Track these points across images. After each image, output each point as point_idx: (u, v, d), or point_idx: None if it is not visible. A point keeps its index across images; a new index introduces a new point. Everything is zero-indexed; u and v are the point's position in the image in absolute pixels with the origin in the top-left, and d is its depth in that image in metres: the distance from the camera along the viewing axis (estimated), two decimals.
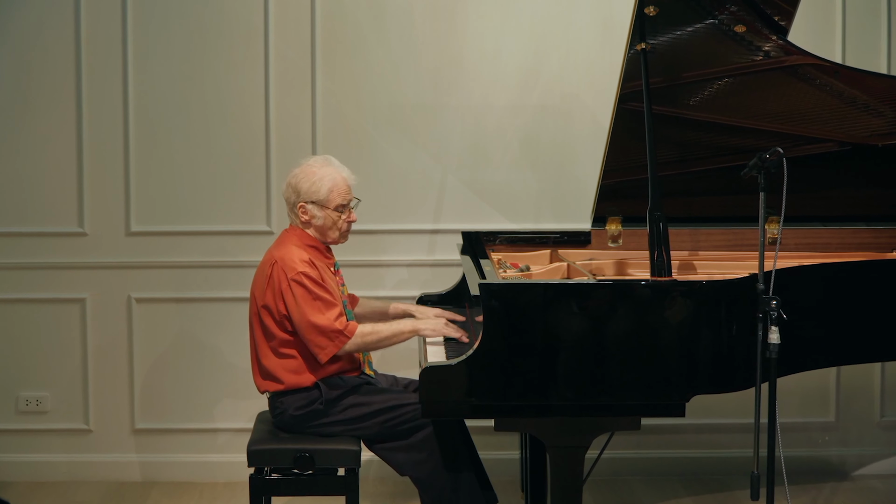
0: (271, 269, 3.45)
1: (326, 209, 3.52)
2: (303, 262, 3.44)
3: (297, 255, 3.46)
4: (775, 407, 3.06)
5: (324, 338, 3.40)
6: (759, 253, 3.07)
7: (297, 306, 3.39)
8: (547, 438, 3.13)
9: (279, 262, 3.44)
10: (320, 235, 3.56)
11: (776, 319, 3.01)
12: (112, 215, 4.58)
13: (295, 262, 3.43)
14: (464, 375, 3.06)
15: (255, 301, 3.52)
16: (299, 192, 3.52)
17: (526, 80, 4.59)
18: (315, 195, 3.51)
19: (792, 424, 4.67)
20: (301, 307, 3.39)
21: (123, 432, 4.64)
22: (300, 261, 3.44)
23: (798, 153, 3.83)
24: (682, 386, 3.10)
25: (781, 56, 3.64)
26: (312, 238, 3.56)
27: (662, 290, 3.12)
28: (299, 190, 3.52)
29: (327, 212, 3.52)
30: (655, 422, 4.53)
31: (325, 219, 3.53)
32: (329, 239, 3.58)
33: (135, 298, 4.59)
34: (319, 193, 3.51)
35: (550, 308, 3.07)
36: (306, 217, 3.53)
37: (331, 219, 3.53)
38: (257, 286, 3.51)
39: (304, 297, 3.39)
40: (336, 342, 3.40)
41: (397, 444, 3.46)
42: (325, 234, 3.56)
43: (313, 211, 3.52)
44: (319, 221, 3.53)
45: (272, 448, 3.43)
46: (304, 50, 4.55)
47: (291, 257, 3.45)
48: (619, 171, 3.88)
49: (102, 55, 4.52)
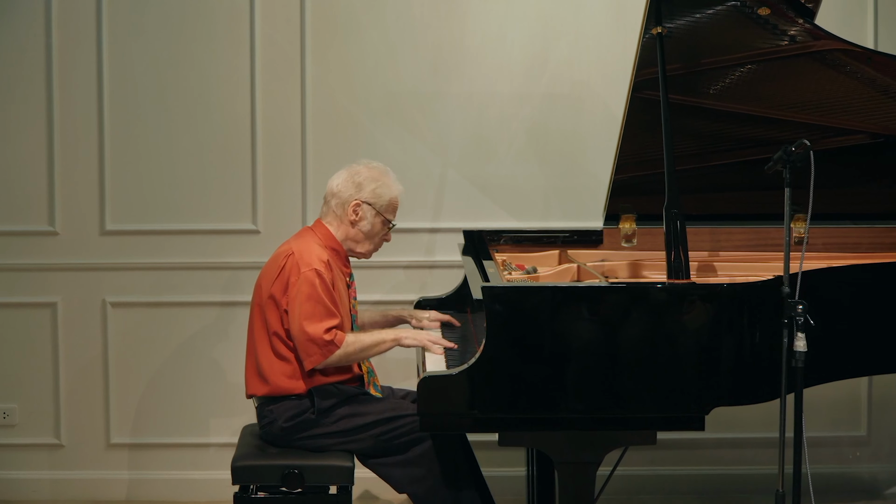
0: (286, 261, 3.49)
1: (379, 217, 3.59)
2: (320, 260, 3.48)
3: (317, 252, 3.51)
4: (802, 420, 3.07)
5: (313, 345, 3.42)
6: (785, 253, 3.08)
7: (297, 303, 3.42)
8: (555, 454, 3.14)
9: (296, 255, 3.49)
10: (353, 242, 3.61)
11: (803, 325, 3.01)
12: (85, 213, 4.59)
13: (312, 258, 3.48)
14: (465, 386, 3.07)
15: (260, 292, 3.55)
16: (361, 189, 3.58)
17: (533, 66, 4.60)
18: (377, 198, 3.58)
19: (820, 439, 4.67)
20: (301, 306, 3.42)
21: (98, 447, 4.64)
22: (318, 259, 3.48)
23: (826, 146, 3.83)
24: (701, 397, 3.11)
25: (808, 41, 3.65)
26: (338, 242, 3.60)
27: (680, 293, 3.12)
28: (363, 187, 3.58)
29: (377, 220, 3.60)
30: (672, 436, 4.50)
31: (374, 226, 3.60)
32: (359, 249, 3.63)
33: (110, 303, 4.60)
34: (381, 199, 3.59)
35: (559, 313, 3.08)
36: (355, 217, 3.58)
37: (377, 229, 3.61)
38: (266, 277, 3.55)
39: (307, 296, 3.42)
40: (324, 351, 3.42)
41: (394, 459, 3.48)
42: (362, 242, 3.62)
43: (367, 213, 3.58)
44: (366, 227, 3.59)
45: (259, 464, 3.44)
46: (292, 33, 4.56)
47: (310, 252, 3.50)
48: (634, 165, 3.89)
49: (74, 38, 4.52)
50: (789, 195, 3.10)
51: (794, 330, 3.03)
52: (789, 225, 3.12)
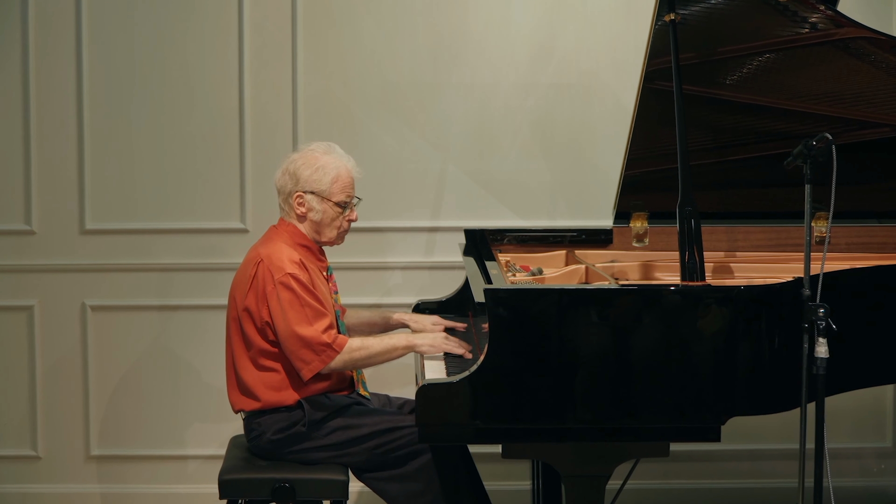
0: (256, 269, 3.47)
1: (327, 202, 3.55)
2: (292, 262, 3.46)
3: (287, 254, 3.48)
4: (823, 430, 3.07)
5: (309, 351, 3.41)
6: (805, 254, 3.08)
7: (281, 312, 3.41)
8: (562, 467, 3.15)
9: (265, 262, 3.46)
10: (315, 234, 3.59)
11: (824, 330, 3.02)
12: (64, 211, 4.59)
13: (283, 262, 3.45)
14: (467, 394, 3.08)
15: (234, 305, 3.54)
16: (298, 180, 3.54)
17: (538, 54, 4.61)
18: (316, 185, 3.54)
19: (842, 451, 4.68)
20: (286, 314, 3.40)
21: (77, 460, 4.65)
22: (289, 261, 3.46)
23: (849, 139, 3.84)
24: (717, 406, 3.11)
25: (831, 28, 3.65)
26: (305, 237, 3.58)
27: (695, 296, 3.13)
28: (298, 177, 3.54)
29: (327, 206, 3.55)
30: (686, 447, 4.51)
31: (324, 214, 3.56)
32: (324, 238, 3.60)
33: (90, 306, 4.61)
34: (321, 183, 3.54)
35: (566, 317, 3.09)
36: (302, 210, 3.55)
37: (330, 214, 3.56)
38: (238, 288, 3.53)
39: (290, 302, 3.41)
40: (322, 357, 3.41)
41: (390, 473, 3.48)
42: (321, 231, 3.58)
43: (312, 203, 3.55)
44: (317, 216, 3.56)
45: (248, 477, 3.45)
46: (283, 19, 4.56)
47: (280, 256, 3.47)
48: (646, 160, 3.89)
49: (51, 23, 4.52)
50: (810, 192, 3.11)
51: (815, 335, 3.03)
52: (810, 223, 3.13)
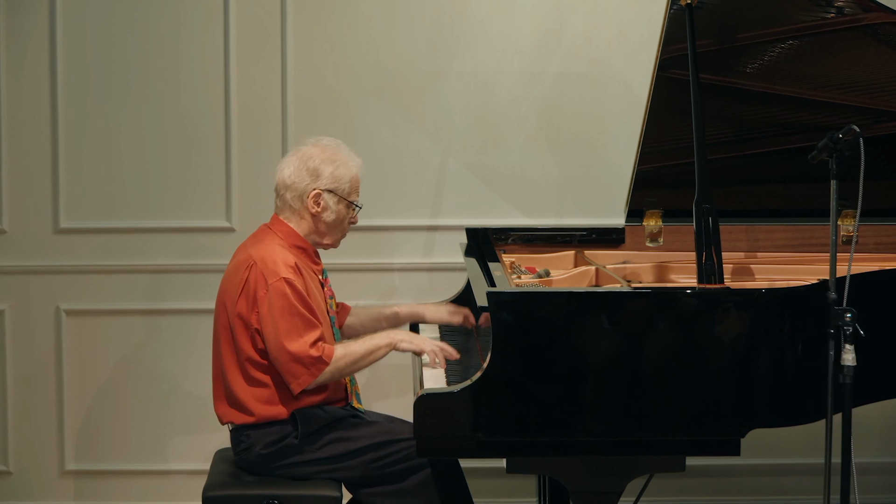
0: (248, 273, 3.46)
1: (342, 203, 3.56)
2: (287, 266, 3.45)
3: (281, 257, 3.47)
4: (850, 443, 3.07)
5: (299, 366, 3.40)
6: (831, 254, 3.08)
7: (271, 320, 3.40)
8: (571, 482, 3.15)
9: (258, 265, 3.45)
10: (317, 235, 3.59)
11: (851, 336, 3.02)
12: (37, 209, 4.59)
13: (278, 265, 3.44)
14: (469, 405, 3.08)
15: (223, 311, 3.52)
16: (319, 177, 3.53)
17: (545, 40, 4.61)
18: (337, 183, 3.54)
19: (870, 465, 4.68)
20: (276, 323, 3.39)
21: (51, 475, 4.65)
22: (284, 265, 3.45)
23: (878, 132, 3.84)
24: (736, 418, 3.11)
25: (858, 13, 3.65)
26: (301, 238, 3.58)
27: (712, 300, 3.13)
28: (320, 174, 3.53)
29: (342, 207, 3.57)
30: (704, 462, 4.54)
31: (338, 214, 3.57)
32: (326, 241, 3.61)
33: (65, 310, 4.61)
34: (342, 181, 3.54)
35: (575, 322, 3.09)
36: (317, 209, 3.55)
37: (341, 216, 3.58)
38: (228, 293, 3.52)
39: (282, 310, 3.40)
40: (312, 370, 3.41)
41: (387, 488, 3.48)
42: (328, 233, 3.59)
43: (329, 202, 3.55)
44: (331, 217, 3.56)
45: (234, 494, 3.44)
46: (272, 4, 4.56)
47: (274, 259, 3.46)
48: (660, 154, 3.90)
49: (24, 12, 4.53)
50: (836, 188, 3.11)
51: (842, 341, 3.03)
52: (836, 222, 3.12)
